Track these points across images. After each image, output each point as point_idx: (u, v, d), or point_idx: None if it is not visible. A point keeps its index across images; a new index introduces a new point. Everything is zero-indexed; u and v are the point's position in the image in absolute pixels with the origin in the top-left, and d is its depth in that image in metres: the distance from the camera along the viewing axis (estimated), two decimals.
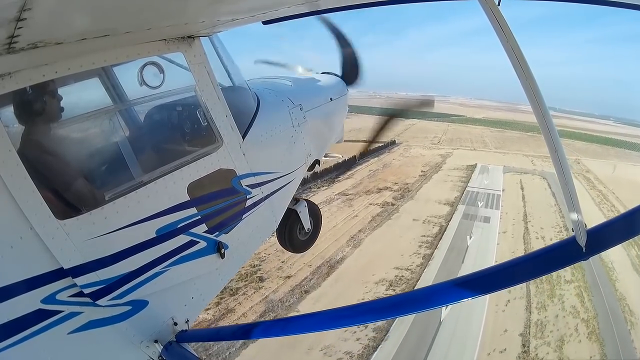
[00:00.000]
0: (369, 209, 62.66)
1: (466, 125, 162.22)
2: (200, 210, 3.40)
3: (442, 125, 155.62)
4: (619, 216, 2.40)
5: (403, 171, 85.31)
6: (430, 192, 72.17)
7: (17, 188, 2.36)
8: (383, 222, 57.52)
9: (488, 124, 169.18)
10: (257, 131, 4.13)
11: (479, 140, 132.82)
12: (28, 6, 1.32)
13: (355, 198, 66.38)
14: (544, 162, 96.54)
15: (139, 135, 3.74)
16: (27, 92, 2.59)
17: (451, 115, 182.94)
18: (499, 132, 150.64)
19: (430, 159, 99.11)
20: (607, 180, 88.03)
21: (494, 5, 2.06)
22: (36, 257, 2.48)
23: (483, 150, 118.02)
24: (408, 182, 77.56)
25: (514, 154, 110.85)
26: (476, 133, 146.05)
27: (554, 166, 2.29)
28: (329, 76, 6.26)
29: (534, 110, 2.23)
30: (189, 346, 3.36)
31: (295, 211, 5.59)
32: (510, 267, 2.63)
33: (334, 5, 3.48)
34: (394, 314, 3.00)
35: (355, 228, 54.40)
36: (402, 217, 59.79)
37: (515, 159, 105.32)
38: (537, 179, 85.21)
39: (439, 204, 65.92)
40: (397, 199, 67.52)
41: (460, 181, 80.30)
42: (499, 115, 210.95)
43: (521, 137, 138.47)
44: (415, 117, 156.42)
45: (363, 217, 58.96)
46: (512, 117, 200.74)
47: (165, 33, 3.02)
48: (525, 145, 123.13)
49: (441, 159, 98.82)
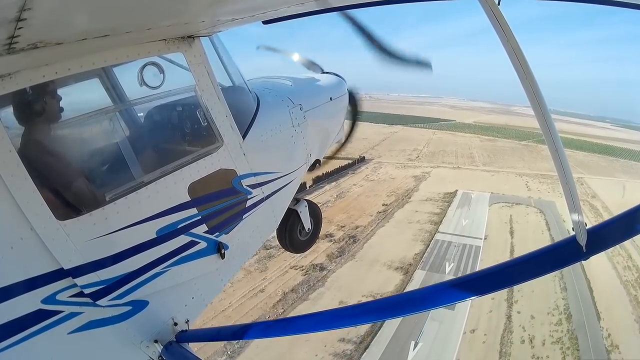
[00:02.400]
0: (286, 275, 43.84)
1: (454, 133, 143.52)
2: (200, 210, 3.40)
3: (426, 133, 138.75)
4: (618, 215, 2.40)
5: (359, 205, 66.21)
6: (384, 243, 52.16)
7: (17, 188, 2.36)
8: (295, 304, 39.12)
9: (478, 130, 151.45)
10: (257, 131, 4.13)
11: (465, 153, 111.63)
12: (28, 6, 1.32)
13: (277, 255, 45.25)
14: (541, 183, 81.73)
15: (139, 135, 3.74)
16: (27, 93, 2.59)
17: (439, 120, 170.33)
18: (489, 142, 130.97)
19: (400, 183, 78.90)
20: (618, 207, 55.33)
21: (494, 5, 2.05)
22: (36, 258, 2.48)
23: (468, 167, 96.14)
24: (359, 225, 57.76)
25: (505, 174, 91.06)
26: (464, 143, 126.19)
27: (554, 166, 2.29)
28: (329, 76, 6.25)
29: (534, 110, 2.23)
30: (189, 346, 3.36)
31: (295, 211, 5.59)
32: (510, 267, 2.63)
33: (334, 5, 3.48)
34: (394, 314, 3.00)
35: (250, 316, 36.12)
36: (326, 296, 40.31)
37: (506, 180, 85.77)
38: (532, 214, 65.15)
39: (388, 268, 46.06)
40: (332, 258, 47.76)
41: (429, 222, 60.03)
42: (492, 119, 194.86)
43: (514, 148, 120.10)
44: (399, 122, 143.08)
45: (272, 292, 40.62)
46: (506, 120, 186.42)
47: (165, 33, 3.02)
48: (518, 159, 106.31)
49: (414, 184, 78.75)
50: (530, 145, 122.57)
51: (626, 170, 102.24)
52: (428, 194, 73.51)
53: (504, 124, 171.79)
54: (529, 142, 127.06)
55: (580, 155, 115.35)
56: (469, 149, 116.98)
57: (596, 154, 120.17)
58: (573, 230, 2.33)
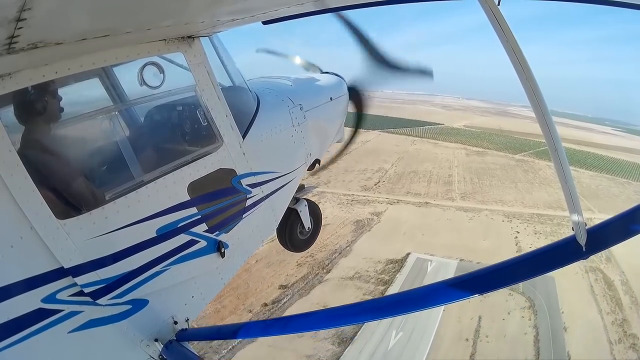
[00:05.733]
0: None
1: (437, 142, 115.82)
2: (200, 209, 3.41)
3: (404, 143, 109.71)
4: (618, 215, 2.41)
5: (250, 283, 41.75)
6: None
7: (17, 188, 2.36)
8: None
9: (467, 138, 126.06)
10: (257, 131, 4.13)
11: (442, 176, 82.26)
12: (28, 6, 1.32)
13: None
14: (536, 235, 56.70)
15: (139, 135, 3.75)
16: (27, 93, 2.60)
17: (426, 123, 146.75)
18: (477, 155, 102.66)
19: (332, 234, 51.34)
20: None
21: (494, 5, 2.05)
22: (36, 257, 2.49)
23: (440, 203, 67.68)
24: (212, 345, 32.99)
25: (487, 216, 63.21)
26: (445, 157, 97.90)
27: (554, 166, 2.29)
28: (329, 76, 6.25)
29: (534, 109, 2.23)
30: (190, 345, 3.37)
31: (295, 210, 5.59)
32: (509, 266, 2.63)
33: (333, 5, 3.48)
34: (392, 313, 3.01)
35: None
36: None
37: (487, 227, 59.18)
38: (515, 312, 41.40)
39: None
40: None
41: (328, 341, 34.95)
42: (484, 122, 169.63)
43: (506, 166, 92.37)
44: (378, 127, 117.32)
45: None
46: (499, 123, 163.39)
47: (165, 33, 3.02)
48: (510, 186, 77.99)
49: (351, 237, 52.30)
50: (526, 160, 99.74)
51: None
52: (361, 262, 44.20)
53: (498, 128, 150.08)
54: (524, 155, 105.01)
55: (587, 176, 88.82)
56: (449, 168, 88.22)
57: (604, 175, 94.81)
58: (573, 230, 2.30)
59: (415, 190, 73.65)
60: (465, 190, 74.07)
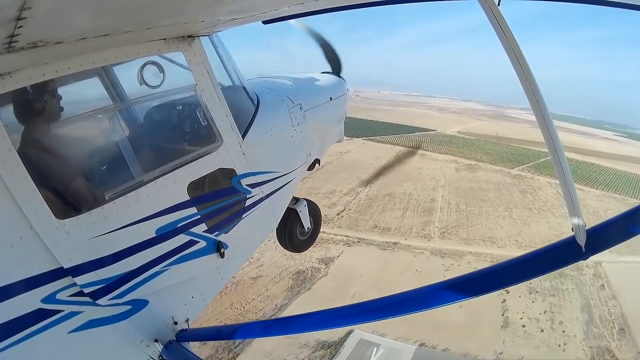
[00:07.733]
0: None
1: (424, 154, 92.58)
2: (200, 209, 3.41)
3: (388, 154, 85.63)
4: (618, 216, 2.40)
5: None
6: None
7: (17, 187, 2.36)
8: None
9: (459, 147, 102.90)
10: (257, 131, 4.13)
11: (423, 201, 63.54)
12: (28, 5, 1.32)
13: None
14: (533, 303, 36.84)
15: (139, 134, 3.74)
16: (27, 92, 2.59)
17: (416, 129, 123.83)
18: (468, 171, 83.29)
19: (256, 299, 37.22)
20: None
21: (494, 5, 2.05)
22: (36, 257, 2.48)
23: (413, 241, 50.49)
24: None
25: (471, 259, 46.02)
26: (431, 174, 77.42)
27: (554, 166, 2.29)
28: (328, 76, 6.26)
29: (534, 110, 2.23)
30: (189, 345, 3.37)
31: (295, 210, 5.59)
32: (509, 267, 2.63)
33: (333, 5, 3.48)
34: (393, 314, 3.00)
35: None
36: None
37: None
38: None
39: None
40: None
41: None
42: (480, 127, 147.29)
43: (501, 185, 74.30)
44: (363, 134, 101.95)
45: None
46: (496, 127, 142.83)
47: (165, 32, 3.02)
48: (503, 211, 61.45)
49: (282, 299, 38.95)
50: (524, 176, 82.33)
51: None
52: (282, 345, 29.89)
53: (494, 134, 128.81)
54: (522, 169, 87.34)
55: (593, 197, 71.81)
56: (434, 189, 69.88)
57: (612, 194, 77.06)
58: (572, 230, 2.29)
59: (385, 224, 55.24)
60: (447, 223, 56.71)
